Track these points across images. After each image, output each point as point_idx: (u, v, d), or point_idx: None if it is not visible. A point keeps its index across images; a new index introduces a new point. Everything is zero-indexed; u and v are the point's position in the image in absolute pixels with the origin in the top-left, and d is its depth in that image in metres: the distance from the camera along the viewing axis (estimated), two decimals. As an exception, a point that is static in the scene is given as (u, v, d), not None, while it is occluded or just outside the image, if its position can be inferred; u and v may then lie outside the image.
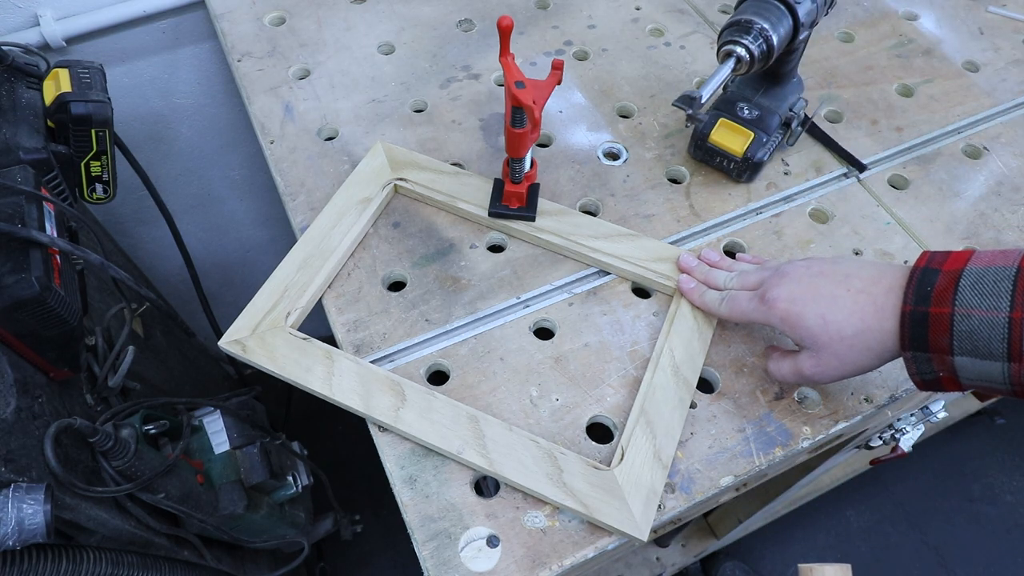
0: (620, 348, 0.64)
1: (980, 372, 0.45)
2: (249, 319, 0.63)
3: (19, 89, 0.70)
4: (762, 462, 0.58)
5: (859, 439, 0.88)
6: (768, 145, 0.73)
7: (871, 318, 0.50)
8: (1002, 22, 0.95)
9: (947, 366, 0.46)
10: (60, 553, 0.58)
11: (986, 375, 0.45)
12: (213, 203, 1.33)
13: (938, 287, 0.46)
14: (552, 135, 0.81)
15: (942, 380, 0.48)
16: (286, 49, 0.88)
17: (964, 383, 0.47)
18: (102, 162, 0.75)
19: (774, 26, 0.62)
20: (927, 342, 0.46)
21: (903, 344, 0.48)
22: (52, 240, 0.58)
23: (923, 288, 0.47)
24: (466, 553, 0.53)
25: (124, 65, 1.02)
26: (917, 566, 1.58)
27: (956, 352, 0.45)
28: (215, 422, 0.88)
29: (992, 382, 0.45)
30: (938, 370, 0.47)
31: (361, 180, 0.73)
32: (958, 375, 0.46)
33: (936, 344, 0.46)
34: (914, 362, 0.48)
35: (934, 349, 0.46)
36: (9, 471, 0.52)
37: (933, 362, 0.47)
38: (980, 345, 0.44)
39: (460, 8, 0.94)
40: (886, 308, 0.49)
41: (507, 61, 0.61)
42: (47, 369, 0.63)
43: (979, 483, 1.70)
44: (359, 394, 0.59)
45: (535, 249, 0.71)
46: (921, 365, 0.48)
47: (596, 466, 0.55)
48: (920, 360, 0.48)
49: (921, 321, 0.46)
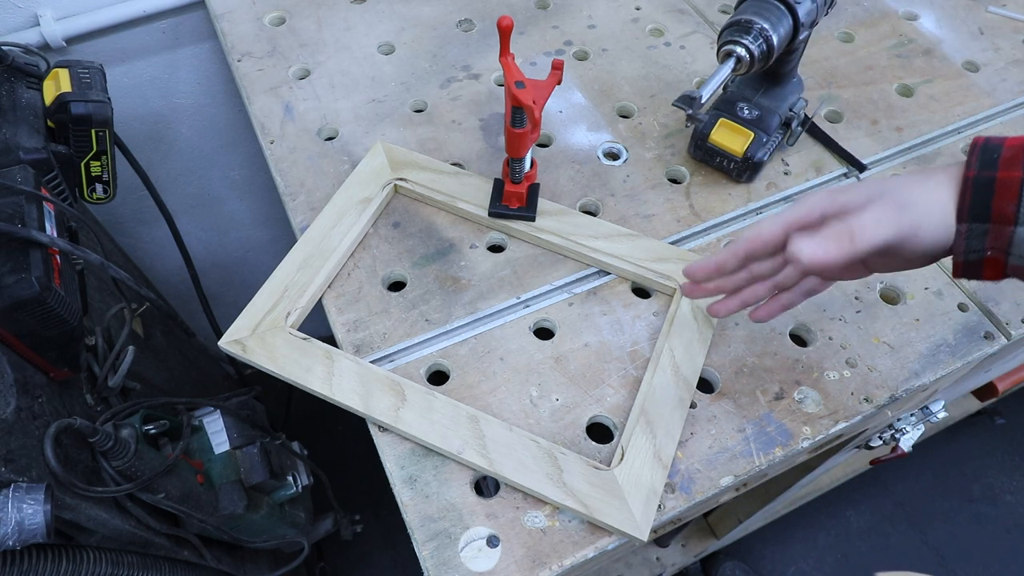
0: (620, 348, 0.64)
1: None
2: (249, 319, 0.63)
3: (19, 89, 0.70)
4: (762, 462, 0.58)
5: (859, 439, 0.88)
6: (768, 145, 0.73)
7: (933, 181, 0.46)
8: (1002, 22, 0.95)
9: (1002, 240, 0.43)
10: (60, 553, 0.58)
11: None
12: (213, 203, 1.33)
13: (1006, 153, 0.43)
14: (552, 135, 0.81)
15: (986, 262, 0.45)
16: (286, 49, 0.88)
17: (1011, 263, 0.44)
18: (102, 162, 0.75)
19: (774, 26, 0.62)
20: (989, 210, 0.43)
21: (960, 214, 0.44)
22: (52, 240, 0.58)
23: (989, 155, 0.44)
24: (466, 553, 0.53)
25: (124, 65, 1.02)
26: (917, 566, 1.58)
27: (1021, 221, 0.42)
28: (215, 422, 0.88)
29: None
30: (988, 247, 0.44)
31: (361, 180, 0.73)
32: (1010, 251, 0.43)
33: (999, 212, 0.43)
34: (966, 237, 0.44)
35: (996, 218, 0.43)
36: (9, 471, 0.52)
37: (988, 236, 0.44)
38: None
39: (460, 8, 0.94)
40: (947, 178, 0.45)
41: (507, 61, 0.61)
42: (47, 369, 0.63)
43: (979, 483, 1.70)
44: (359, 394, 0.59)
45: (535, 249, 0.71)
46: (972, 241, 0.44)
47: (596, 466, 0.55)
48: (974, 234, 0.44)
49: (986, 186, 0.43)
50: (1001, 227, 0.43)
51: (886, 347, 0.65)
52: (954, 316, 0.67)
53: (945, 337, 0.65)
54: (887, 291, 0.69)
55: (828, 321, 0.66)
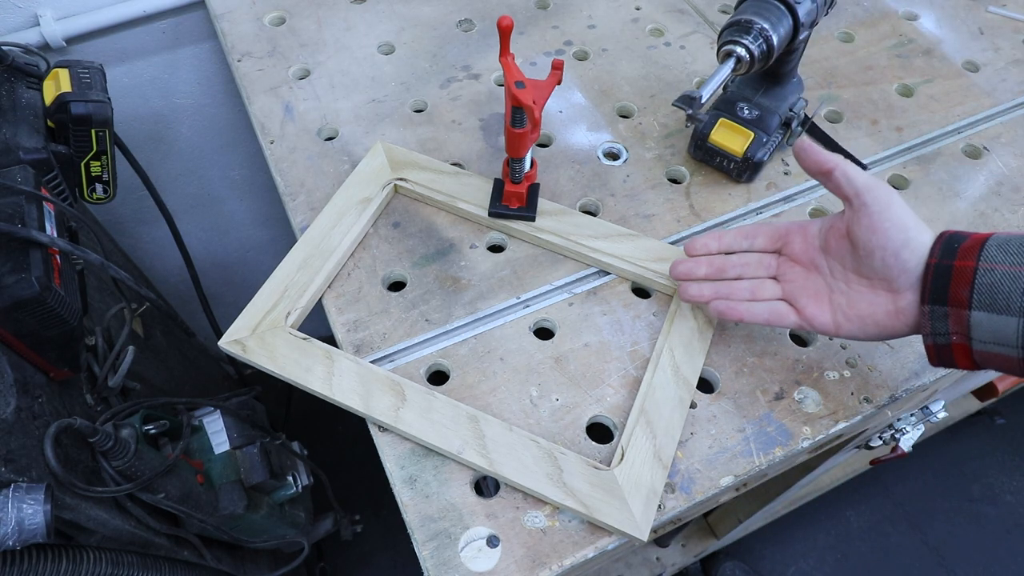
0: (620, 348, 0.64)
1: (995, 330, 0.46)
2: (249, 319, 0.63)
3: (19, 89, 0.70)
4: (762, 462, 0.58)
5: (859, 439, 0.88)
6: (768, 145, 0.73)
7: None
8: (1002, 22, 0.95)
9: (962, 324, 0.47)
10: (60, 553, 0.58)
11: (1000, 334, 0.46)
12: (213, 203, 1.33)
13: (965, 245, 0.48)
14: (552, 135, 0.81)
15: (955, 348, 0.49)
16: (286, 49, 0.88)
17: (976, 347, 0.47)
18: (102, 162, 0.75)
19: (774, 26, 0.62)
20: (947, 294, 0.48)
21: (923, 297, 0.49)
22: (52, 240, 0.58)
23: (951, 245, 0.49)
24: (466, 553, 0.53)
25: (124, 65, 1.02)
26: (917, 566, 1.58)
27: (974, 306, 0.46)
28: (215, 422, 0.88)
29: (1005, 343, 0.46)
30: (952, 331, 0.48)
31: (361, 180, 0.73)
32: (971, 336, 0.47)
33: (956, 296, 0.47)
34: (930, 318, 0.49)
35: (953, 302, 0.47)
36: (9, 471, 0.52)
37: (949, 319, 0.48)
38: (999, 299, 0.45)
39: (460, 8, 0.94)
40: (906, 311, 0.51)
41: (507, 61, 0.61)
42: (47, 369, 0.63)
43: (979, 483, 1.70)
44: (359, 394, 0.59)
45: (535, 249, 0.71)
46: (937, 323, 0.49)
47: (596, 466, 0.55)
48: (937, 316, 0.48)
49: (945, 273, 0.48)
50: (959, 311, 0.47)
51: (886, 347, 0.65)
52: (954, 316, 0.67)
53: (945, 337, 0.65)
54: (887, 291, 0.69)
55: (828, 321, 0.66)
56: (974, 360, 0.48)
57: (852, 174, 0.52)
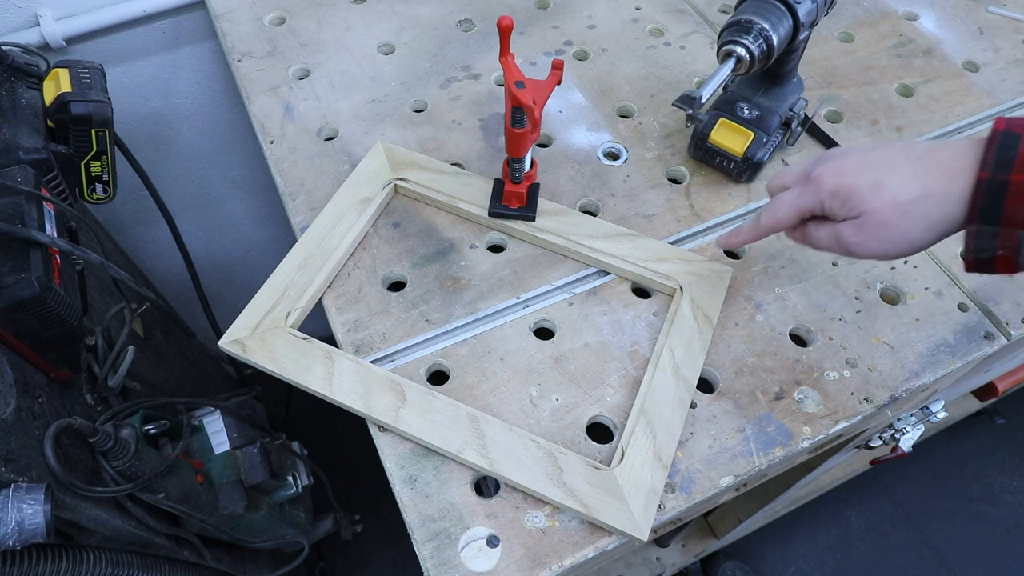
0: (620, 348, 0.64)
1: None
2: (249, 319, 0.63)
3: (19, 89, 0.70)
4: (762, 462, 0.58)
5: (859, 439, 0.88)
6: (768, 145, 0.73)
7: (935, 182, 0.45)
8: (1002, 22, 0.95)
9: (1013, 242, 0.43)
10: (60, 553, 0.58)
11: None
12: (213, 203, 1.33)
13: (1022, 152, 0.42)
14: (552, 135, 0.81)
15: (998, 260, 0.44)
16: (286, 49, 0.88)
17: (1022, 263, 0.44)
18: (102, 162, 0.75)
19: (774, 26, 0.62)
20: (1001, 214, 0.42)
21: (971, 215, 0.44)
22: (52, 240, 0.58)
23: (1005, 153, 0.42)
24: (466, 553, 0.53)
25: (124, 65, 1.02)
26: (917, 566, 1.58)
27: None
28: (215, 422, 0.88)
29: None
30: (999, 247, 0.43)
31: (361, 180, 0.73)
32: (1021, 251, 0.43)
33: (1012, 216, 0.42)
34: (976, 237, 0.44)
35: (1008, 222, 0.42)
36: (9, 471, 0.52)
37: (999, 237, 0.43)
38: None
39: (460, 8, 0.94)
40: (955, 170, 0.44)
41: (507, 61, 0.61)
42: (47, 369, 0.63)
43: (979, 483, 1.70)
44: (359, 394, 0.59)
45: (535, 249, 0.71)
46: (983, 240, 0.44)
47: (596, 466, 0.55)
48: (984, 235, 0.44)
49: (999, 190, 0.42)
50: (1012, 230, 0.42)
51: (886, 347, 0.65)
52: (954, 316, 0.67)
53: (945, 337, 0.65)
54: (887, 291, 0.69)
55: (828, 321, 0.66)
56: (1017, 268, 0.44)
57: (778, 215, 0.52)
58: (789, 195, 0.52)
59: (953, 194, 0.44)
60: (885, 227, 0.47)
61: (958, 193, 0.44)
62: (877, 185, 0.47)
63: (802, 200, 0.51)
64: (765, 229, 0.55)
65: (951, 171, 0.45)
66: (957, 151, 0.45)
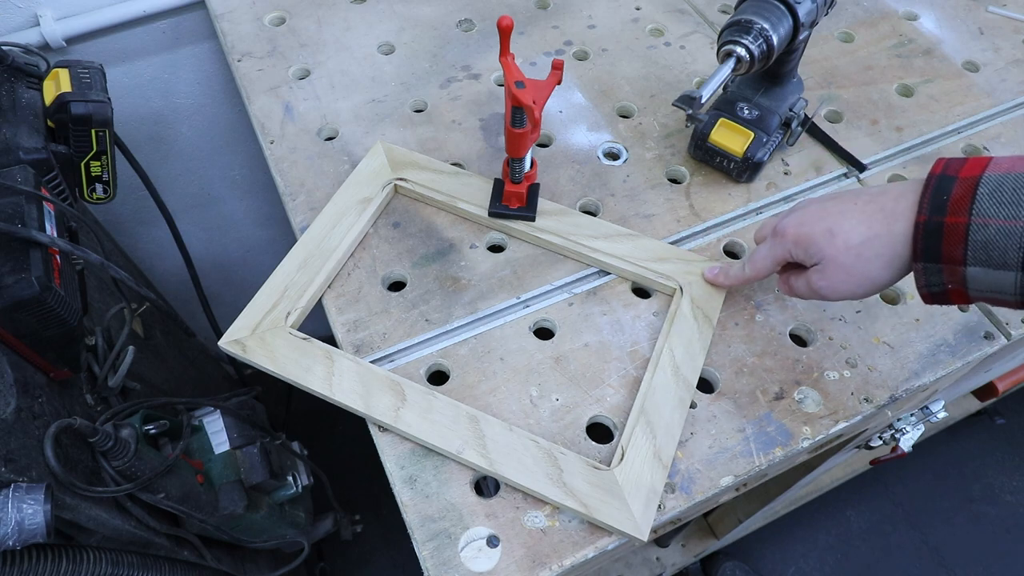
0: (620, 348, 0.64)
1: (992, 283, 0.44)
2: (249, 319, 0.63)
3: (19, 89, 0.70)
4: (762, 462, 0.58)
5: (859, 439, 0.88)
6: (768, 145, 0.73)
7: (879, 224, 0.49)
8: (1002, 22, 0.95)
9: (958, 277, 0.46)
10: (60, 553, 0.58)
11: (997, 286, 0.44)
12: (213, 203, 1.33)
13: (955, 196, 0.45)
14: (552, 135, 0.81)
15: (950, 293, 0.47)
16: (286, 49, 0.88)
17: (972, 295, 0.46)
18: (102, 162, 0.75)
19: (774, 26, 0.62)
20: (940, 253, 0.45)
21: (915, 254, 0.47)
22: (52, 240, 0.58)
23: (939, 197, 0.45)
24: (466, 553, 0.53)
25: (124, 65, 1.02)
26: (917, 566, 1.58)
27: (969, 263, 0.44)
28: (215, 422, 0.88)
29: (1002, 293, 0.45)
30: (947, 282, 0.46)
31: (361, 180, 0.73)
32: (967, 287, 0.46)
33: (949, 255, 0.45)
34: (924, 273, 0.47)
35: (947, 260, 0.45)
36: (9, 471, 0.52)
37: (944, 273, 0.46)
38: (995, 255, 0.43)
39: (460, 8, 0.94)
40: (896, 212, 0.48)
41: (507, 61, 0.61)
42: (47, 369, 0.63)
43: (979, 483, 1.70)
44: (359, 394, 0.59)
45: (535, 249, 0.71)
46: (931, 277, 0.47)
47: (596, 466, 0.55)
48: (931, 271, 0.47)
49: (935, 232, 0.45)
50: (953, 267, 0.45)
51: (886, 347, 0.65)
52: (954, 316, 0.67)
53: (945, 337, 0.65)
54: (887, 291, 0.69)
55: (828, 321, 0.66)
56: (969, 299, 0.47)
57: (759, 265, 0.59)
58: (764, 247, 0.58)
59: (896, 234, 0.48)
60: (845, 269, 0.51)
61: (901, 232, 0.48)
62: (830, 232, 0.51)
63: (774, 251, 0.57)
64: (749, 278, 0.62)
65: (893, 213, 0.48)
66: (899, 194, 0.49)
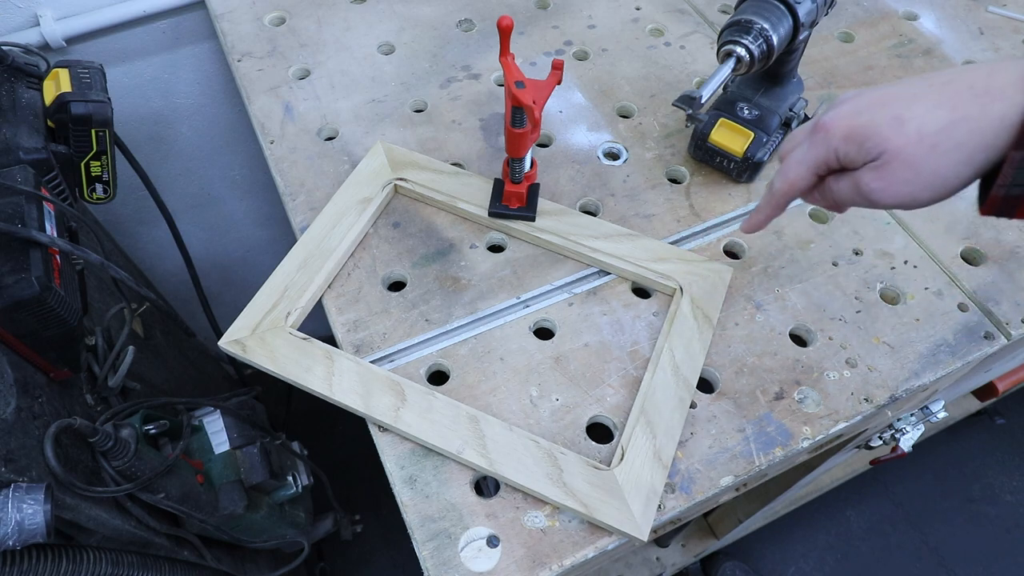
0: (620, 348, 0.64)
1: None
2: (249, 319, 0.63)
3: (19, 89, 0.70)
4: (762, 462, 0.58)
5: (859, 439, 0.88)
6: (768, 145, 0.73)
7: (968, 105, 0.39)
8: (1002, 22, 0.95)
9: None
10: (60, 553, 0.58)
11: None
12: (213, 203, 1.33)
13: None
14: (552, 135, 0.81)
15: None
16: (286, 49, 0.88)
17: None
18: (102, 162, 0.75)
19: (774, 26, 0.62)
20: None
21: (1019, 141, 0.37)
22: (52, 240, 0.58)
23: None
24: (466, 553, 0.53)
25: (124, 65, 1.02)
26: (917, 566, 1.58)
27: None
28: (215, 422, 0.88)
29: None
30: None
31: (361, 180, 0.73)
32: None
33: None
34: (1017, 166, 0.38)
35: None
36: (9, 471, 0.52)
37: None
38: None
39: (460, 8, 0.94)
40: (993, 90, 0.38)
41: (507, 61, 0.61)
42: (47, 369, 0.63)
43: (979, 483, 1.70)
44: (359, 394, 0.59)
45: (535, 249, 0.71)
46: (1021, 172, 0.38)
47: (596, 466, 0.55)
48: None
49: None
50: None
51: (886, 347, 0.65)
52: (954, 316, 0.67)
53: (945, 337, 0.65)
54: (887, 291, 0.69)
55: (828, 321, 0.66)
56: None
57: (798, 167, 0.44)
58: (799, 151, 0.46)
59: (993, 116, 0.38)
60: (911, 166, 0.40)
61: (999, 114, 0.37)
62: (897, 119, 0.40)
63: (813, 153, 0.45)
64: (780, 195, 0.48)
65: (988, 91, 0.38)
66: (993, 70, 0.39)
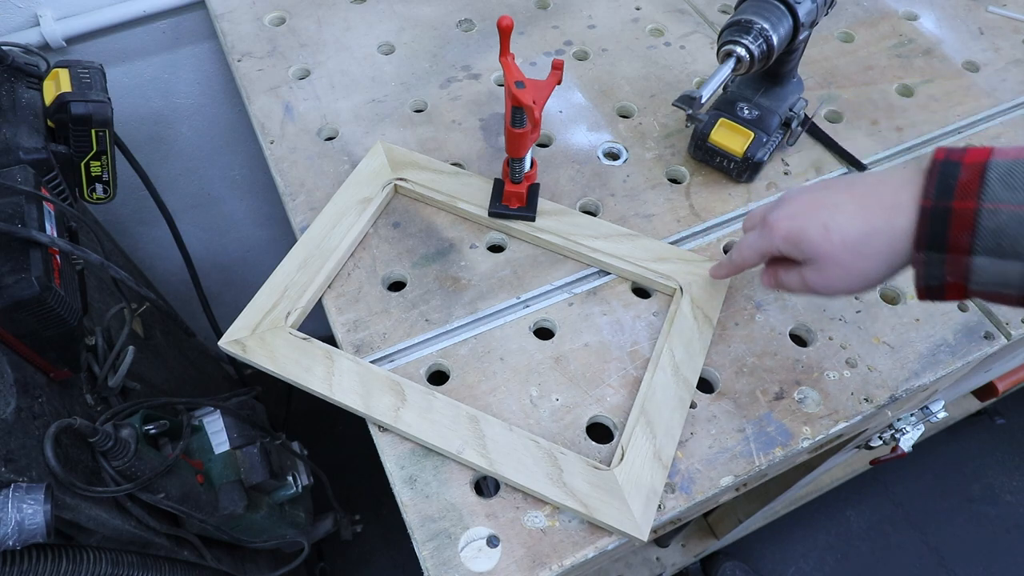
0: (620, 348, 0.64)
1: (997, 274, 0.42)
2: (249, 319, 0.63)
3: (19, 89, 0.70)
4: (762, 462, 0.58)
5: (859, 439, 0.88)
6: (768, 145, 0.73)
7: (878, 218, 0.46)
8: (1002, 22, 0.95)
9: (960, 269, 0.43)
10: (60, 553, 0.58)
11: (1003, 278, 0.42)
12: (213, 203, 1.33)
13: (963, 180, 0.42)
14: (552, 135, 0.81)
15: (947, 287, 0.45)
16: (286, 49, 0.88)
17: (972, 289, 0.44)
18: (102, 162, 0.75)
19: (774, 26, 0.62)
20: (945, 241, 0.43)
21: (917, 243, 0.44)
22: (52, 240, 0.58)
23: (945, 181, 0.42)
24: (466, 553, 0.53)
25: (124, 65, 1.02)
26: (917, 566, 1.58)
27: (976, 251, 0.42)
28: (215, 422, 0.88)
29: (1007, 286, 0.42)
30: (948, 274, 0.44)
31: (361, 180, 0.73)
32: (970, 279, 0.43)
33: (955, 243, 0.42)
34: (925, 264, 0.44)
35: (952, 248, 0.42)
36: (9, 471, 0.52)
37: (946, 264, 0.43)
38: (1005, 243, 0.41)
39: (460, 8, 0.94)
40: (897, 205, 0.45)
41: (507, 61, 0.61)
42: (47, 369, 0.63)
43: (979, 483, 1.70)
44: (359, 394, 0.59)
45: (535, 249, 0.71)
46: (932, 268, 0.44)
47: (596, 466, 0.55)
48: (932, 262, 0.44)
49: (942, 217, 0.42)
50: (958, 257, 0.43)
51: (886, 347, 0.65)
52: (954, 316, 0.67)
53: (945, 337, 0.65)
54: (887, 291, 0.69)
55: (828, 321, 0.66)
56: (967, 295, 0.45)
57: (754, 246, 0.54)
58: (751, 237, 0.55)
59: (897, 228, 0.45)
60: (841, 267, 0.48)
61: (902, 227, 0.45)
62: (824, 227, 0.48)
63: (761, 243, 0.53)
64: (735, 267, 0.59)
65: (894, 207, 0.45)
66: (898, 185, 0.46)
